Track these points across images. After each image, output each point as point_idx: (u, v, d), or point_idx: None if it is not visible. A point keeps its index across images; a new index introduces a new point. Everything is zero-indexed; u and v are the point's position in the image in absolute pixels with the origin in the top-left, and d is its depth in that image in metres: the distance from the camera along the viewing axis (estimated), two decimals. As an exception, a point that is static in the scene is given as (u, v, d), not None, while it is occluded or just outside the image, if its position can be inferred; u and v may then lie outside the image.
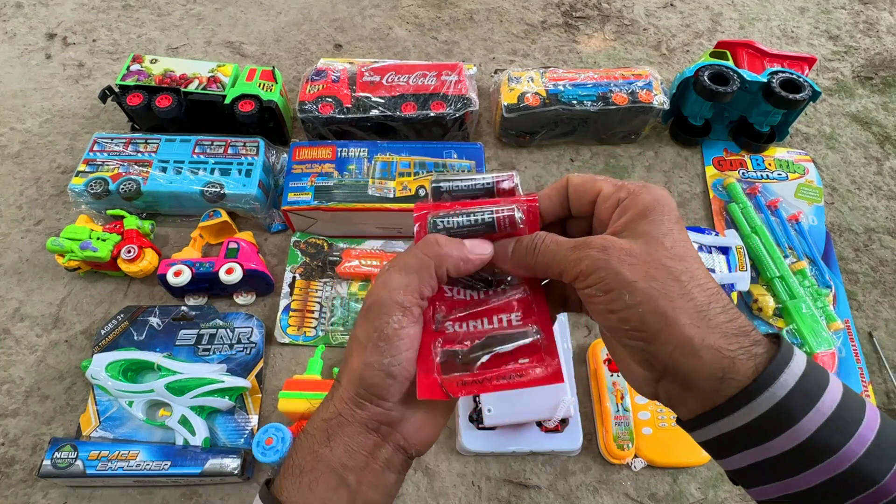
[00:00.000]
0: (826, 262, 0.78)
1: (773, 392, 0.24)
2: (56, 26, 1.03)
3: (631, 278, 0.25)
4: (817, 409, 0.24)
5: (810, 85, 0.80)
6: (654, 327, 0.25)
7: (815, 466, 0.24)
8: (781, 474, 0.25)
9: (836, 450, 0.24)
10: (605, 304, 0.26)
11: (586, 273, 0.26)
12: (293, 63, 0.99)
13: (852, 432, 0.24)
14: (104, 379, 0.63)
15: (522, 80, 0.84)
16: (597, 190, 0.30)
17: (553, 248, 0.28)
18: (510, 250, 0.30)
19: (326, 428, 0.29)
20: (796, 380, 0.24)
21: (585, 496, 0.63)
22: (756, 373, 0.25)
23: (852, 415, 0.24)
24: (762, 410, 0.24)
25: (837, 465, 0.24)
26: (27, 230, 0.79)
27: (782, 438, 0.24)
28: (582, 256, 0.27)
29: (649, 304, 0.25)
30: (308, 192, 0.73)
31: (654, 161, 0.88)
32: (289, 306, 0.73)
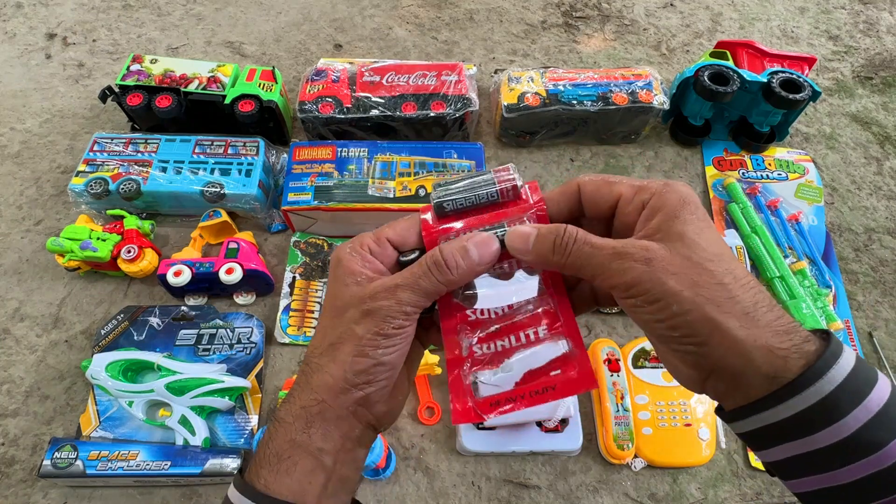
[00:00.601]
0: (826, 262, 0.78)
1: (820, 386, 0.24)
2: (56, 26, 1.03)
3: (677, 289, 0.25)
4: (864, 405, 0.24)
5: (810, 85, 0.80)
6: (704, 332, 0.25)
7: (860, 461, 0.24)
8: (823, 468, 0.25)
9: (882, 446, 0.24)
10: (651, 314, 0.26)
11: (629, 285, 0.26)
12: (293, 63, 0.99)
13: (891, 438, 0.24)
14: (104, 379, 0.63)
15: (522, 80, 0.84)
16: (616, 194, 0.29)
17: (588, 252, 0.27)
18: (532, 240, 0.29)
19: (306, 416, 0.30)
20: (845, 376, 0.24)
21: (585, 496, 0.63)
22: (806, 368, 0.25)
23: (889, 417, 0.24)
24: (809, 404, 0.24)
25: (882, 461, 0.24)
26: (27, 230, 0.79)
27: (827, 432, 0.24)
28: (626, 268, 0.26)
29: (698, 312, 0.25)
30: (308, 192, 0.73)
31: (654, 161, 0.88)
32: (289, 306, 0.72)
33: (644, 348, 0.69)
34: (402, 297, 0.29)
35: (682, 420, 0.64)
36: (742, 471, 0.64)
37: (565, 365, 0.30)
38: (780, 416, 0.25)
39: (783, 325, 0.26)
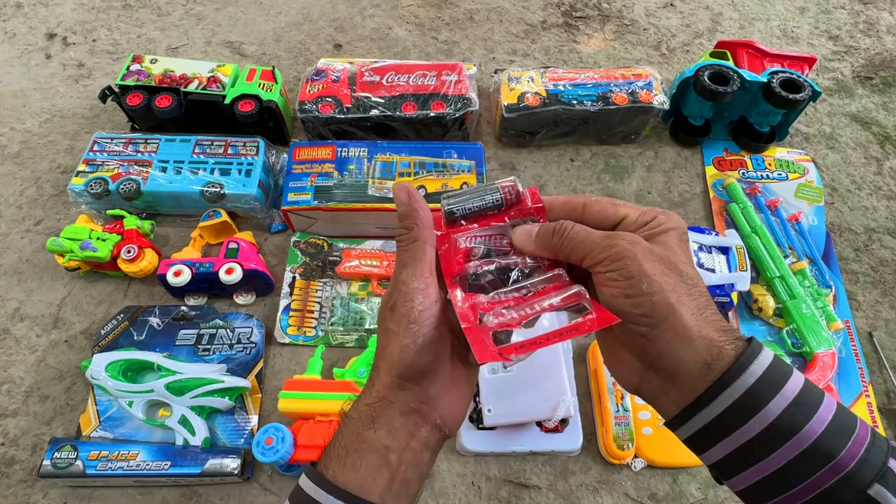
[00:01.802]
0: (826, 262, 0.78)
1: (744, 379, 0.27)
2: (56, 26, 1.03)
3: (651, 271, 0.29)
4: (782, 393, 0.27)
5: (810, 85, 0.80)
6: (661, 314, 0.28)
7: (783, 445, 0.27)
8: (755, 458, 0.28)
9: (799, 428, 0.27)
10: (623, 288, 0.29)
11: (613, 259, 0.29)
12: (293, 63, 0.99)
13: (812, 414, 0.27)
14: (104, 379, 0.63)
15: (522, 80, 0.84)
16: (622, 214, 0.33)
17: (583, 235, 0.31)
18: (534, 233, 0.33)
19: (371, 412, 0.32)
20: (763, 369, 0.27)
21: (585, 496, 0.63)
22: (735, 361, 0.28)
23: (812, 399, 0.27)
24: (736, 397, 0.27)
25: (801, 443, 0.27)
26: (27, 230, 0.79)
27: (754, 422, 0.27)
28: (614, 244, 0.30)
29: (661, 295, 0.28)
30: (308, 192, 0.73)
31: (654, 161, 0.88)
32: (289, 306, 0.72)
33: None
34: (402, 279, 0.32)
35: (682, 420, 0.64)
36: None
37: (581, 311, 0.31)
38: (715, 412, 0.28)
39: (723, 326, 0.29)
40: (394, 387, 0.32)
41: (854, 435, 0.27)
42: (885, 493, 0.25)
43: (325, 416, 0.59)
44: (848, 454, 0.26)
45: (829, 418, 0.27)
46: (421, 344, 0.31)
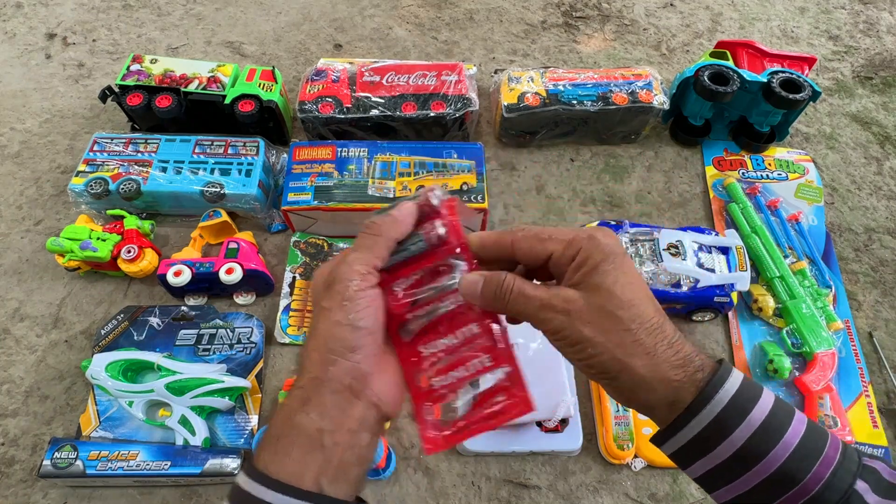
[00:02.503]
0: (826, 262, 0.78)
1: (710, 409, 0.29)
2: (56, 26, 1.03)
3: (590, 335, 0.30)
4: (747, 421, 0.29)
5: (810, 85, 0.80)
6: (614, 370, 0.30)
7: (751, 470, 0.29)
8: (729, 478, 0.30)
9: (765, 455, 0.28)
10: (573, 354, 0.31)
11: (554, 331, 0.31)
12: (293, 63, 0.99)
13: (777, 440, 0.28)
14: (104, 379, 0.63)
15: (522, 80, 0.84)
16: (548, 251, 0.32)
17: (522, 302, 0.32)
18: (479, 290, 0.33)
19: (302, 395, 0.31)
20: (730, 397, 0.29)
21: (585, 496, 0.63)
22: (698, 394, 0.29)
23: (779, 423, 0.29)
24: (703, 425, 0.29)
25: (766, 469, 0.28)
26: (27, 230, 0.79)
27: (721, 448, 0.29)
28: (550, 318, 0.31)
29: (608, 354, 0.30)
30: (308, 192, 0.73)
31: (654, 161, 0.88)
32: (289, 306, 0.72)
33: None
34: (349, 260, 0.32)
35: (682, 420, 0.64)
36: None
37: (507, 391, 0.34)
38: (686, 437, 0.30)
39: (679, 360, 0.30)
40: (324, 363, 0.31)
41: (821, 457, 0.28)
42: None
43: (325, 416, 0.59)
44: (813, 478, 0.28)
45: (796, 442, 0.28)
46: (352, 320, 0.31)
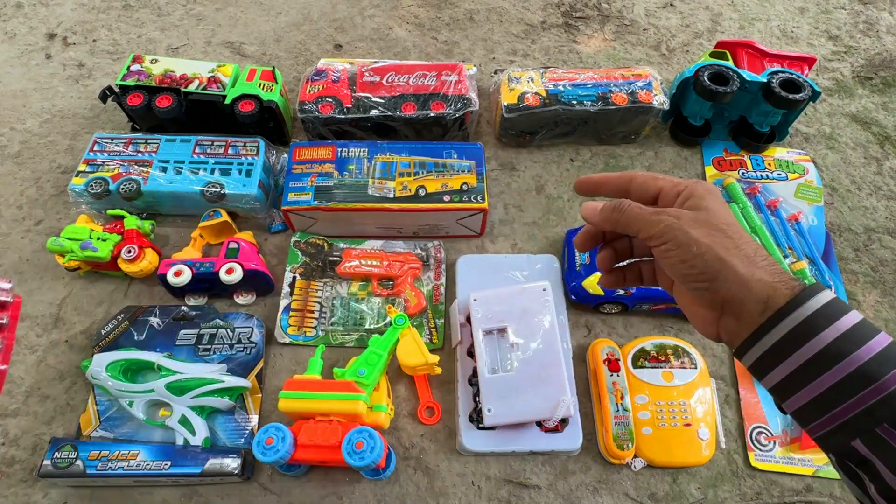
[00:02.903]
0: (826, 262, 0.78)
1: (800, 312, 0.31)
2: (56, 26, 1.03)
3: (696, 235, 0.34)
4: (835, 326, 0.31)
5: (810, 85, 0.80)
6: (714, 268, 0.33)
7: (832, 368, 0.30)
8: (807, 379, 0.31)
9: (847, 355, 0.30)
10: (677, 255, 0.35)
11: (663, 231, 0.35)
12: (293, 63, 0.99)
13: (861, 344, 0.30)
14: (104, 379, 0.63)
15: (522, 80, 0.84)
16: (658, 187, 0.38)
17: (637, 212, 0.37)
18: (598, 209, 0.39)
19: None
20: (820, 305, 0.31)
21: (585, 496, 0.63)
22: (791, 298, 0.32)
23: (865, 333, 0.31)
24: (791, 327, 0.31)
25: (848, 367, 0.30)
26: (27, 230, 0.79)
27: (806, 348, 0.31)
28: (661, 220, 0.35)
29: (711, 253, 0.33)
30: (308, 192, 0.73)
31: (654, 161, 0.88)
32: (289, 306, 0.73)
33: (644, 348, 0.69)
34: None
35: (682, 420, 0.64)
36: (742, 471, 0.64)
37: None
38: (774, 339, 0.32)
39: (776, 269, 0.34)
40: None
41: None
42: None
43: (326, 415, 0.59)
44: (890, 378, 0.29)
45: (880, 348, 0.30)
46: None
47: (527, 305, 0.66)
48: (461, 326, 0.69)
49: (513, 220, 0.82)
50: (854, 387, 0.30)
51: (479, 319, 0.66)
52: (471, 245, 0.79)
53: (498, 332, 0.66)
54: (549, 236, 0.80)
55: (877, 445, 0.30)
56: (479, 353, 0.64)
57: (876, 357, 0.30)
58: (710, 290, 0.34)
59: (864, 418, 0.30)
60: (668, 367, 0.67)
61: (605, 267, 0.44)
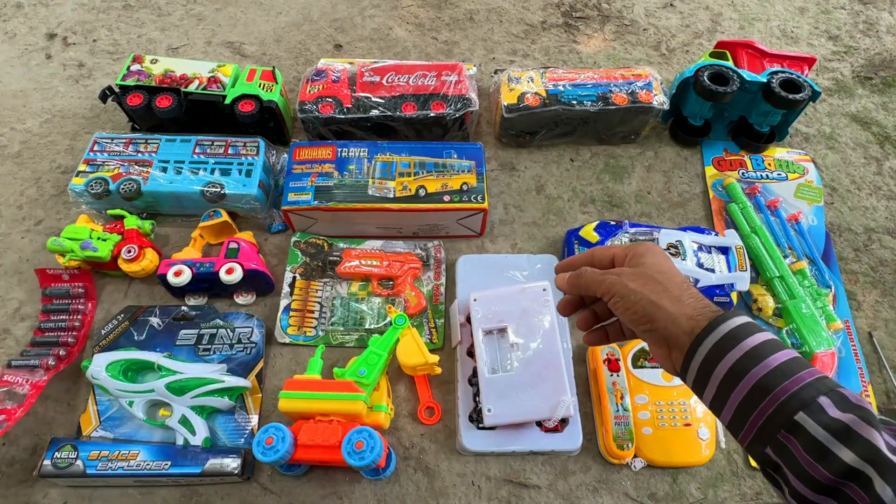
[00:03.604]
0: (826, 262, 0.78)
1: (711, 337, 0.37)
2: (56, 26, 1.03)
3: (633, 286, 0.41)
4: (740, 347, 0.36)
5: (810, 85, 0.80)
6: (650, 312, 0.40)
7: (738, 386, 0.36)
8: (725, 397, 0.36)
9: (748, 372, 0.35)
10: (622, 305, 0.42)
11: (608, 288, 0.43)
12: (293, 63, 0.99)
13: (759, 362, 0.35)
14: (104, 379, 0.63)
15: (522, 80, 0.84)
16: (612, 254, 0.47)
17: (590, 275, 0.45)
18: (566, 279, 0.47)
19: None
20: (729, 329, 0.37)
21: (585, 496, 0.63)
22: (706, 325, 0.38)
23: (766, 351, 0.35)
24: (707, 349, 0.37)
25: (748, 384, 0.35)
26: (27, 230, 0.79)
27: (719, 367, 0.37)
28: (605, 278, 0.44)
29: (645, 299, 0.41)
30: (308, 193, 0.73)
31: (654, 161, 0.88)
32: (289, 306, 0.73)
33: (644, 348, 0.69)
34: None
35: (682, 420, 0.64)
36: (742, 471, 0.64)
37: None
38: (698, 362, 0.38)
39: (701, 304, 0.40)
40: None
41: (794, 377, 0.34)
42: (807, 419, 0.32)
43: (325, 415, 0.59)
44: (782, 389, 0.34)
45: (776, 364, 0.34)
46: None
47: (527, 305, 0.66)
48: (461, 326, 0.69)
49: (513, 220, 0.82)
50: (756, 400, 0.34)
51: (478, 319, 0.66)
52: (471, 245, 0.79)
53: (498, 332, 0.66)
54: (549, 236, 0.80)
55: (782, 451, 0.33)
56: (478, 353, 0.64)
57: (773, 371, 0.34)
58: (652, 330, 0.41)
59: (768, 427, 0.34)
60: (668, 367, 0.67)
61: (583, 327, 0.50)
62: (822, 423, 0.31)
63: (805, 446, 0.32)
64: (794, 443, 0.32)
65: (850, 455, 0.30)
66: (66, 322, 0.71)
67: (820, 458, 0.31)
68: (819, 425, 0.31)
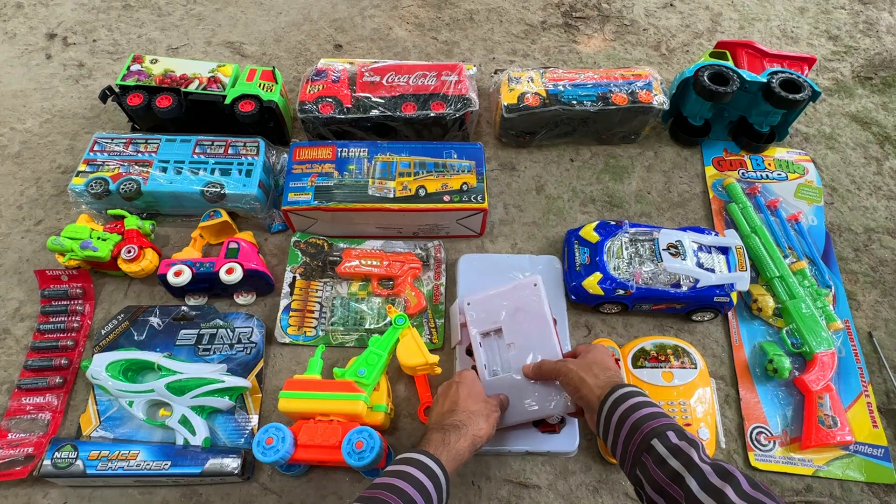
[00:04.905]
0: (826, 262, 0.78)
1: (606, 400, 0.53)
2: (56, 26, 1.03)
3: (574, 369, 0.57)
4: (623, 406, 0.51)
5: (810, 85, 0.80)
6: (579, 383, 0.56)
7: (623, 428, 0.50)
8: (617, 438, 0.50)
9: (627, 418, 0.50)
10: (568, 382, 0.57)
11: (559, 372, 0.58)
12: (293, 63, 0.99)
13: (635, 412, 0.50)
14: (104, 379, 0.63)
15: (522, 80, 0.84)
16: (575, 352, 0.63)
17: (549, 364, 0.60)
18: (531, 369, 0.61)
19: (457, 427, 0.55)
20: (616, 396, 0.52)
21: (585, 496, 0.63)
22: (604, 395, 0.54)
23: (638, 406, 0.50)
24: (605, 409, 0.52)
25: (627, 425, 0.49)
26: (27, 230, 0.79)
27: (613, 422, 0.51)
28: (558, 365, 0.59)
29: (578, 377, 0.56)
30: (308, 193, 0.73)
31: (654, 161, 0.88)
32: (289, 306, 0.73)
33: (644, 348, 0.69)
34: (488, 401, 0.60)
35: (682, 420, 0.64)
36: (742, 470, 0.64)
37: None
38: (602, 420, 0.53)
39: (610, 381, 0.55)
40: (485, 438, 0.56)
41: (654, 420, 0.48)
42: (658, 444, 0.46)
43: (326, 415, 0.59)
44: (647, 426, 0.48)
45: (643, 414, 0.49)
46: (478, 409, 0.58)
47: (519, 304, 0.65)
48: (461, 326, 0.69)
49: (513, 220, 0.82)
50: (632, 436, 0.49)
51: (474, 322, 0.65)
52: (471, 245, 0.79)
53: (494, 334, 0.65)
54: (549, 236, 0.80)
55: (643, 468, 0.47)
56: (477, 357, 0.64)
57: (641, 418, 0.49)
58: (581, 398, 0.56)
59: (636, 453, 0.48)
60: (667, 367, 0.68)
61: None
62: (666, 446, 0.46)
63: (654, 460, 0.46)
64: (649, 459, 0.46)
65: (677, 463, 0.45)
66: (64, 324, 0.71)
67: (660, 466, 0.45)
68: (664, 447, 0.46)
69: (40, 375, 0.67)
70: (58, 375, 0.67)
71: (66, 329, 0.71)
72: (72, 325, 0.71)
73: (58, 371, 0.68)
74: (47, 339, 0.70)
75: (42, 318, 0.72)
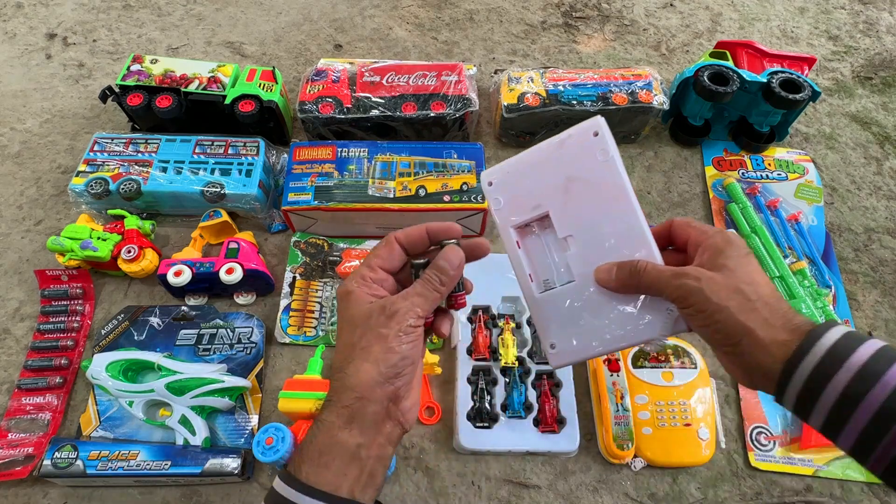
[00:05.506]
0: (826, 262, 0.78)
1: (809, 359, 0.32)
2: (56, 26, 1.03)
3: (716, 300, 0.34)
4: (845, 367, 0.31)
5: (810, 85, 0.80)
6: (737, 335, 0.34)
7: (854, 414, 0.31)
8: (842, 423, 0.31)
9: (864, 396, 0.30)
10: (701, 320, 0.35)
11: (685, 296, 0.35)
12: (293, 63, 0.99)
13: (875, 381, 0.30)
14: (104, 379, 0.63)
15: (522, 80, 0.84)
16: (687, 235, 0.39)
17: (655, 275, 0.37)
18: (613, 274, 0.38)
19: (347, 413, 0.35)
20: (827, 347, 0.32)
21: (585, 496, 0.63)
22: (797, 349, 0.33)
23: (878, 367, 0.30)
24: (806, 375, 0.32)
25: (870, 408, 0.30)
26: (27, 230, 0.79)
27: (827, 394, 0.32)
28: (681, 284, 0.35)
29: (731, 319, 0.34)
30: (308, 193, 0.73)
31: (654, 161, 0.88)
32: (289, 306, 0.73)
33: (644, 348, 0.69)
34: (414, 301, 0.37)
35: (682, 420, 0.64)
36: (742, 470, 0.64)
37: None
38: (796, 389, 0.33)
39: (792, 325, 0.34)
40: (373, 384, 0.35)
41: None
42: None
43: (326, 415, 0.59)
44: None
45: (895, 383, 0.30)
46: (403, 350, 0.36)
47: (573, 170, 0.43)
48: (461, 326, 0.69)
49: (513, 220, 0.82)
50: (884, 426, 0.30)
51: (502, 211, 0.43)
52: (471, 245, 0.79)
53: (538, 225, 0.43)
54: (549, 236, 0.80)
55: None
56: (516, 266, 0.43)
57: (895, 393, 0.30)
58: (735, 353, 0.35)
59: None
60: (667, 367, 0.68)
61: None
62: None
63: None
64: None
65: None
66: (64, 324, 0.71)
67: None
68: None
69: (40, 375, 0.67)
70: (58, 375, 0.67)
71: (66, 329, 0.71)
72: (72, 325, 0.71)
73: (58, 371, 0.68)
74: (47, 339, 0.70)
75: (42, 318, 0.72)
